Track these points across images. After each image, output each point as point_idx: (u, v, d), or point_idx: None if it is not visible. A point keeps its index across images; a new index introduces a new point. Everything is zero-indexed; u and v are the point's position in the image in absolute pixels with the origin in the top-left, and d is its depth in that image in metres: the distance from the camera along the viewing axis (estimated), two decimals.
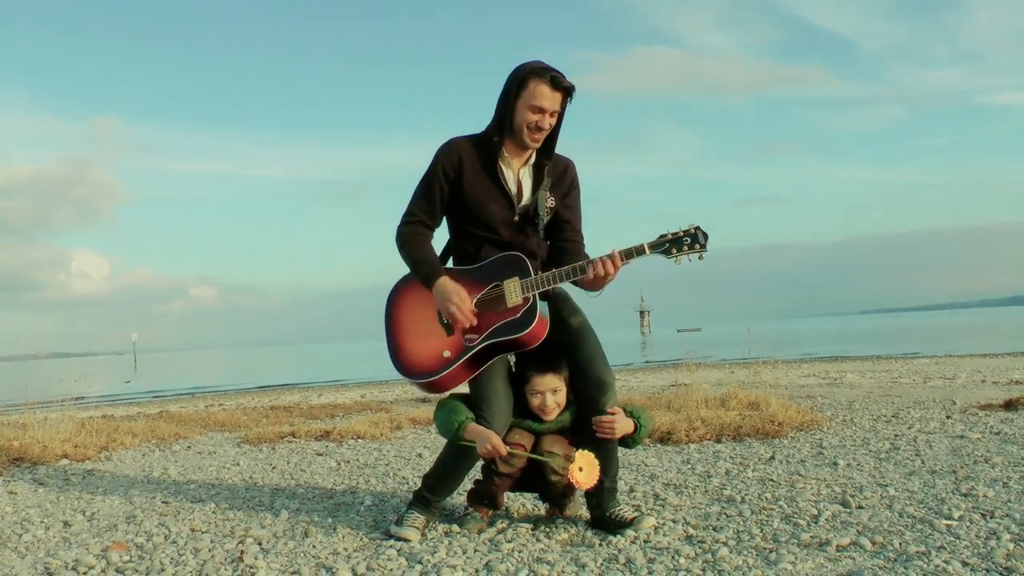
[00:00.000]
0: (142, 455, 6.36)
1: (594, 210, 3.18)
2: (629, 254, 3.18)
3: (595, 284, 3.24)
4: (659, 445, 5.58)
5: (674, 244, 3.17)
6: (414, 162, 3.41)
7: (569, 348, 3.36)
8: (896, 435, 5.53)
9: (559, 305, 3.43)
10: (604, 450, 3.34)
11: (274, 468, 5.41)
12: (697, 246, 3.16)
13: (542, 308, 3.26)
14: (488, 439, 3.16)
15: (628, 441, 3.36)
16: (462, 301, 3.21)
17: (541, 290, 3.22)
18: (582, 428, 3.37)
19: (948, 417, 6.34)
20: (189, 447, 6.81)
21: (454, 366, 3.23)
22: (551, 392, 3.31)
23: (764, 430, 5.69)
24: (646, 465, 4.80)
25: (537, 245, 3.43)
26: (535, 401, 3.31)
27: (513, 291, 3.22)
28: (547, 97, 3.21)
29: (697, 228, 3.17)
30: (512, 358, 3.39)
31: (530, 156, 3.40)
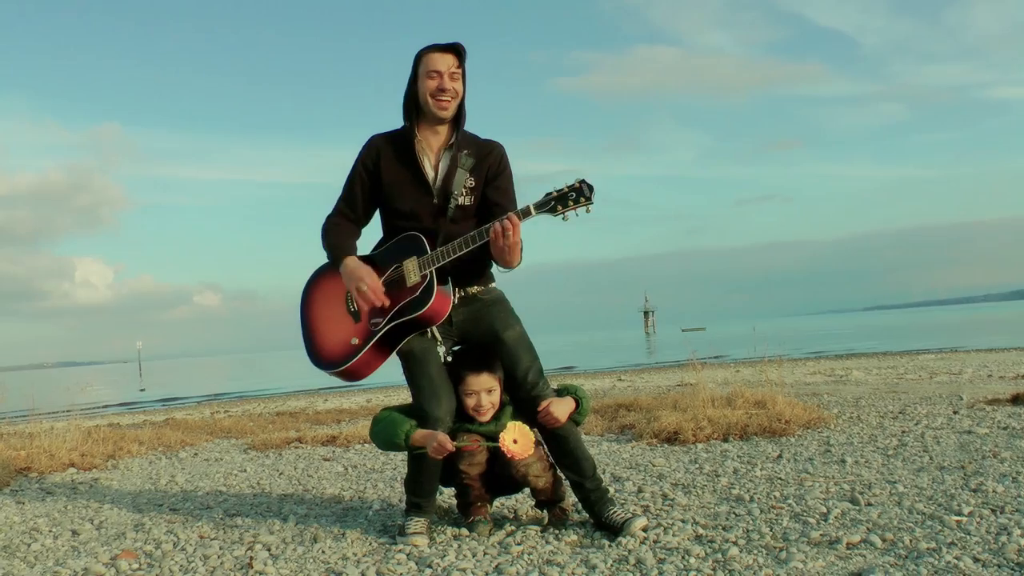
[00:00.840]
0: (149, 463, 6.36)
1: (595, 211, 3.15)
2: (517, 216, 3.16)
3: (501, 254, 3.18)
4: (666, 445, 5.57)
5: (559, 201, 3.14)
6: None
7: (504, 364, 3.36)
8: (903, 431, 5.52)
9: (493, 313, 3.40)
10: (567, 450, 3.35)
11: (281, 474, 5.41)
12: (583, 199, 3.13)
13: (442, 284, 3.27)
14: (435, 438, 3.17)
15: (576, 417, 3.37)
16: (369, 277, 3.24)
17: (438, 265, 3.22)
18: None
19: (955, 412, 6.32)
20: (196, 454, 6.82)
21: (363, 352, 3.27)
22: (486, 392, 3.32)
23: (771, 428, 5.68)
24: (654, 465, 4.80)
25: (462, 230, 3.32)
26: (470, 402, 3.32)
27: (411, 270, 3.25)
28: (437, 60, 3.29)
29: (582, 182, 3.14)
30: (442, 350, 3.37)
31: (449, 138, 3.41)
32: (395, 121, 3.47)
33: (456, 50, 3.31)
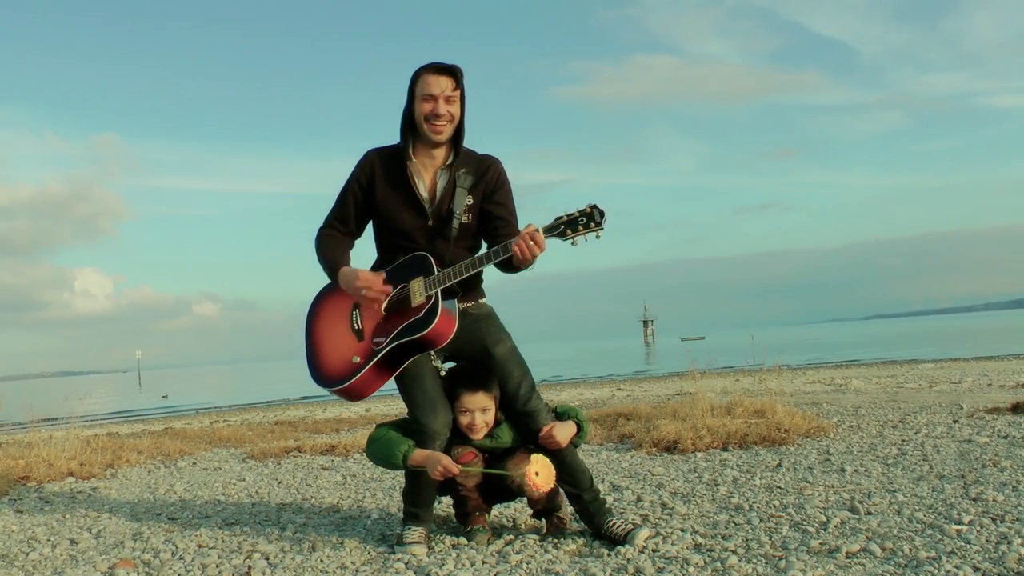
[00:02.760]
0: (148, 472, 6.35)
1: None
2: (541, 232, 3.14)
3: (518, 267, 3.20)
4: (665, 454, 5.56)
5: (568, 226, 3.12)
6: None
7: (497, 379, 3.35)
8: (903, 440, 5.51)
9: (483, 329, 3.39)
10: (564, 464, 3.34)
11: (280, 483, 5.40)
12: (593, 224, 3.11)
13: (447, 305, 3.25)
14: (438, 461, 3.17)
15: (576, 440, 3.38)
16: (368, 279, 3.25)
17: (443, 286, 3.22)
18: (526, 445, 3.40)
19: (955, 421, 6.31)
20: (195, 463, 6.80)
21: (364, 370, 3.24)
22: (480, 411, 3.31)
23: (770, 437, 5.67)
24: (653, 474, 4.79)
25: (460, 251, 3.37)
26: (464, 420, 3.31)
27: (417, 290, 3.24)
28: (432, 83, 3.25)
29: (594, 207, 3.12)
30: (438, 363, 3.37)
31: (446, 159, 3.40)
32: (393, 133, 3.45)
33: (452, 72, 3.27)
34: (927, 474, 4.31)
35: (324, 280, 3.52)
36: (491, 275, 3.48)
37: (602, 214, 3.12)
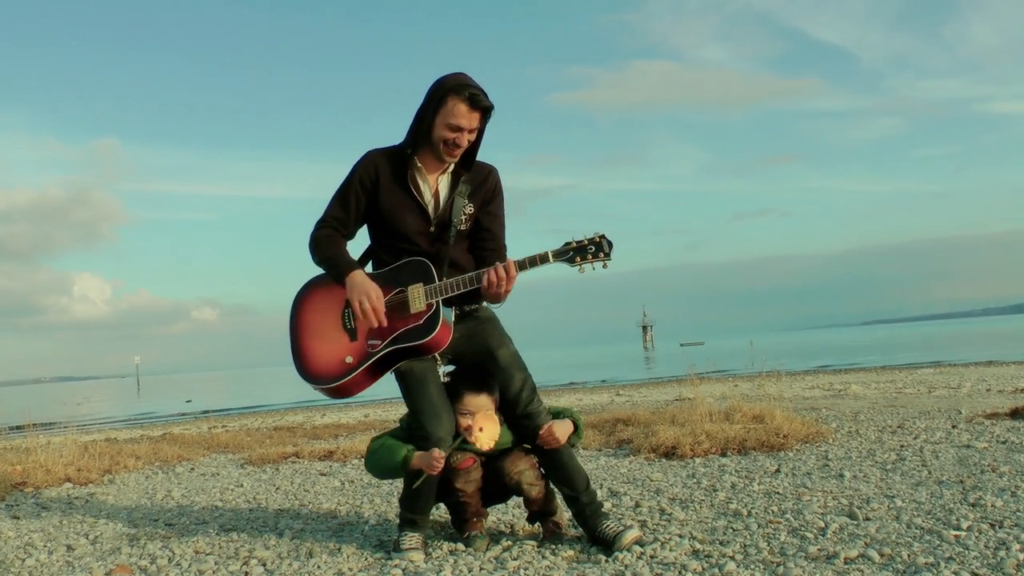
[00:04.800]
0: (145, 478, 6.34)
1: (599, 226, 3.18)
2: (533, 262, 3.18)
3: (492, 295, 3.21)
4: (664, 460, 5.55)
5: (578, 252, 3.17)
6: None
7: (498, 381, 3.35)
8: (902, 446, 5.50)
9: (486, 332, 3.41)
10: (562, 465, 3.36)
11: (278, 489, 5.39)
12: (601, 255, 3.16)
13: (446, 315, 3.25)
14: (432, 457, 3.16)
15: (572, 439, 3.40)
16: (376, 297, 3.21)
17: (444, 296, 3.21)
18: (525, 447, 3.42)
19: (954, 427, 6.31)
20: (192, 469, 6.79)
21: (356, 372, 3.23)
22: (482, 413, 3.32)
23: (769, 443, 5.66)
24: (651, 480, 4.78)
25: (460, 253, 3.39)
26: (464, 421, 3.30)
27: (417, 297, 3.23)
28: (464, 116, 3.19)
29: (602, 237, 3.17)
30: (442, 370, 3.38)
31: (448, 165, 3.38)
32: (392, 137, 3.43)
33: (487, 111, 3.24)
34: (926, 480, 4.31)
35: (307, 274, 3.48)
36: None
37: (611, 244, 3.18)
